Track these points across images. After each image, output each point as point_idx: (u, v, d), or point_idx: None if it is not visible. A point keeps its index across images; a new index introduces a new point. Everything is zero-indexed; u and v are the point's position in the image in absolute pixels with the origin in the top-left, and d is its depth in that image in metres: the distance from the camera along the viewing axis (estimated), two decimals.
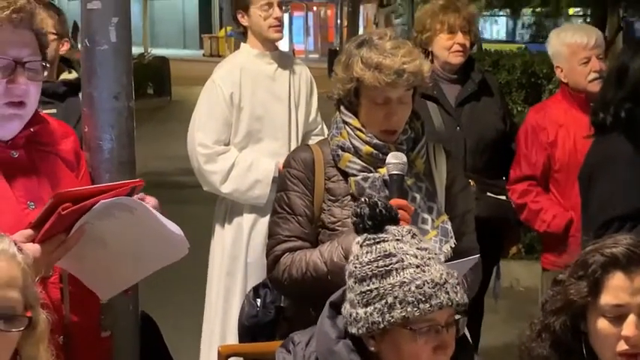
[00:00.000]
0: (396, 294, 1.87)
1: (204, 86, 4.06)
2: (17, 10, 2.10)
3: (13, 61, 2.09)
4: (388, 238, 1.96)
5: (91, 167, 2.40)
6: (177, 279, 6.10)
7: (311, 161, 2.64)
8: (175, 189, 9.55)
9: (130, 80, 2.43)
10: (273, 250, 2.60)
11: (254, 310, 2.80)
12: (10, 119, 2.13)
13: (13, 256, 1.66)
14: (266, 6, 3.90)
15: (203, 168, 3.93)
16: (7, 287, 1.62)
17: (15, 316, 1.63)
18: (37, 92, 2.17)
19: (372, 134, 2.60)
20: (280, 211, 2.63)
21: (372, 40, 2.57)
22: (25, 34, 2.13)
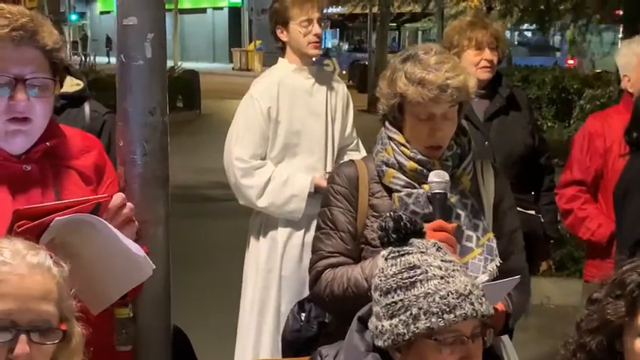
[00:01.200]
0: (421, 305, 1.87)
1: (241, 100, 4.09)
2: (17, 28, 2.13)
3: (14, 79, 2.13)
4: (412, 250, 1.97)
5: (124, 181, 2.41)
6: (211, 291, 6.17)
7: (355, 177, 2.63)
8: (204, 202, 9.61)
9: (164, 96, 2.44)
10: (316, 266, 2.60)
11: (297, 324, 2.79)
12: (14, 135, 2.16)
13: (49, 269, 1.68)
14: (305, 22, 3.92)
15: (240, 182, 3.95)
16: (42, 300, 1.64)
17: (50, 329, 1.65)
18: (45, 108, 2.19)
19: (417, 150, 2.58)
20: (323, 226, 2.63)
21: (417, 54, 2.55)
22: (28, 51, 2.16)
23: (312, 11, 3.92)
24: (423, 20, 24.34)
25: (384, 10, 19.18)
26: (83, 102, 3.58)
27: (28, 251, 1.68)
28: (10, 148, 2.18)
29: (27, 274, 1.65)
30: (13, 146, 2.18)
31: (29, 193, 2.17)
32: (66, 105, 3.55)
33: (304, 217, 3.96)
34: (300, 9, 3.91)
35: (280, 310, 3.99)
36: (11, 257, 1.66)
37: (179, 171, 9.98)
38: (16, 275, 1.64)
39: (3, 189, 2.15)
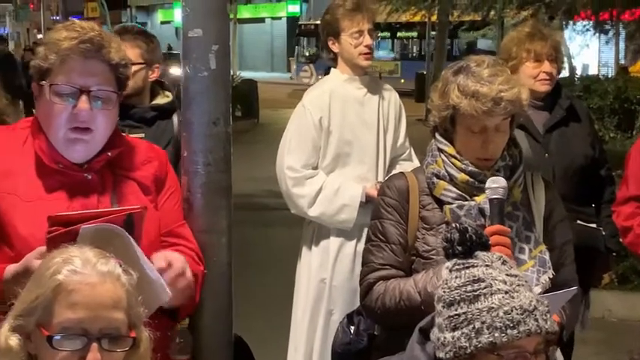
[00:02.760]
0: (484, 319, 1.86)
1: (294, 110, 4.11)
2: (85, 41, 2.20)
3: (79, 89, 2.19)
4: (477, 263, 1.95)
5: (188, 191, 2.45)
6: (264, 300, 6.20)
7: (405, 189, 2.62)
8: (262, 211, 9.65)
9: (228, 106, 2.47)
10: (367, 278, 2.60)
11: (347, 337, 2.79)
12: (75, 143, 2.22)
13: (118, 278, 1.71)
14: (357, 34, 3.92)
15: (291, 191, 3.97)
16: (112, 308, 1.68)
17: (120, 336, 1.68)
18: (107, 120, 2.25)
19: (468, 162, 2.56)
20: (374, 239, 2.63)
21: (470, 67, 2.53)
22: (95, 64, 2.22)
23: (362, 22, 3.93)
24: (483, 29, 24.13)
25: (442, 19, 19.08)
26: (172, 113, 3.66)
27: (98, 259, 1.72)
28: (70, 155, 2.23)
29: (97, 282, 1.68)
30: (74, 154, 2.23)
31: (86, 201, 2.22)
32: (157, 116, 3.64)
33: (356, 227, 3.96)
34: (351, 21, 3.92)
35: (332, 319, 3.99)
36: (82, 266, 1.70)
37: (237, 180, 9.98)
38: (87, 284, 1.68)
39: (62, 195, 2.21)
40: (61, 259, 1.71)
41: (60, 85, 2.19)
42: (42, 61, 2.22)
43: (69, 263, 1.69)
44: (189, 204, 2.44)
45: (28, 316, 1.68)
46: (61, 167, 2.22)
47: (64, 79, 2.19)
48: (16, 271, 2.01)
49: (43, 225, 1.97)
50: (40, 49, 2.25)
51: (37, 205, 2.14)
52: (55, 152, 2.23)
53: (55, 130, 2.21)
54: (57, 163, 2.21)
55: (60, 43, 2.20)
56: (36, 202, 2.15)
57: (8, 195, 2.17)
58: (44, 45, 2.24)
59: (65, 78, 2.19)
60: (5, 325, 1.70)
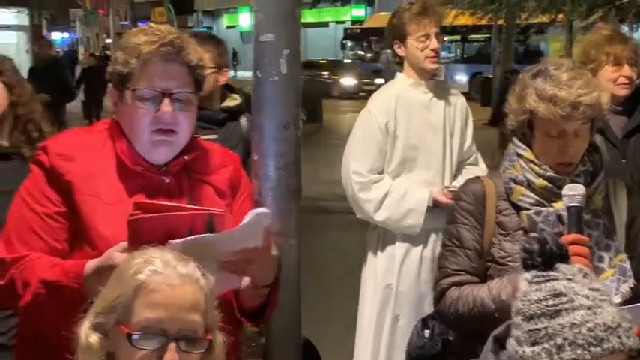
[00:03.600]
0: (566, 335, 1.82)
1: (359, 115, 4.10)
2: (166, 44, 2.22)
3: (161, 92, 2.22)
4: (558, 276, 1.91)
5: (258, 195, 2.46)
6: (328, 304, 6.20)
7: (482, 194, 2.59)
8: (327, 214, 9.67)
9: (298, 110, 2.49)
10: (440, 283, 2.58)
11: (421, 341, 2.78)
12: (159, 145, 2.25)
13: (197, 281, 1.73)
14: (423, 37, 3.91)
15: (357, 196, 3.97)
16: (191, 310, 1.69)
17: (197, 338, 1.70)
18: (188, 121, 2.27)
19: (547, 167, 2.52)
20: (449, 244, 2.60)
21: (548, 70, 2.49)
22: (174, 67, 2.24)
23: (429, 26, 3.91)
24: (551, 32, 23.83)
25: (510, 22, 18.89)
26: (240, 115, 3.71)
27: (177, 262, 1.74)
28: (154, 158, 2.27)
29: (178, 284, 1.70)
30: (158, 156, 2.27)
31: None
32: (227, 118, 3.70)
33: (422, 232, 3.94)
34: (417, 24, 3.91)
35: (398, 324, 3.99)
36: (163, 267, 1.72)
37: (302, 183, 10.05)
38: (168, 285, 1.70)
39: (141, 197, 2.23)
40: (143, 259, 1.74)
41: (142, 89, 2.22)
42: (122, 66, 2.24)
43: (150, 263, 1.72)
44: (259, 207, 2.46)
45: (109, 313, 1.71)
46: (141, 170, 2.25)
47: (146, 83, 2.22)
48: (98, 266, 2.04)
49: (124, 227, 2.00)
50: (119, 54, 2.26)
51: (118, 207, 2.18)
52: (136, 155, 2.26)
53: (138, 134, 2.24)
54: (138, 165, 2.25)
55: (140, 48, 2.22)
56: (117, 204, 2.18)
57: (90, 197, 2.21)
58: (122, 50, 2.26)
59: (147, 82, 2.22)
60: (86, 323, 1.73)
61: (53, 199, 2.23)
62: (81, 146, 2.29)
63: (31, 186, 2.28)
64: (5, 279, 2.19)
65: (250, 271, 2.13)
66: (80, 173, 2.23)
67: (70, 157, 2.25)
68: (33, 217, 2.23)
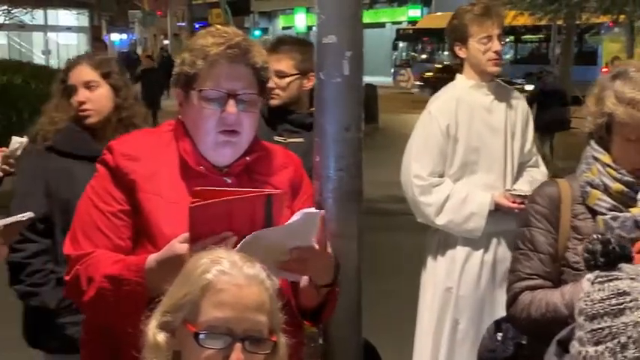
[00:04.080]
0: (630, 334, 1.80)
1: (420, 117, 4.08)
2: (232, 46, 2.24)
3: (227, 94, 2.24)
4: (622, 276, 1.89)
5: (319, 196, 2.47)
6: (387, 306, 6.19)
7: (557, 197, 2.55)
8: (383, 216, 9.64)
9: (360, 112, 2.48)
10: (513, 287, 2.55)
11: (493, 344, 2.76)
12: (223, 146, 2.27)
13: (263, 282, 1.74)
14: (485, 39, 3.86)
15: (418, 199, 3.94)
16: (257, 311, 1.70)
17: (262, 339, 1.71)
18: (251, 123, 2.29)
19: (624, 171, 2.47)
20: (522, 247, 2.57)
21: (628, 72, 2.44)
22: (240, 68, 2.26)
23: (492, 28, 3.86)
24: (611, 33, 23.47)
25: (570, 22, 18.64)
26: None
27: (244, 263, 1.75)
28: (218, 158, 2.29)
29: (244, 284, 1.72)
30: (222, 157, 2.29)
31: None
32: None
33: (483, 236, 3.90)
34: (479, 26, 3.86)
35: (458, 328, 3.96)
36: (230, 267, 1.73)
37: None
38: (235, 285, 1.71)
39: None
40: (209, 259, 1.75)
41: (208, 90, 2.25)
42: (189, 67, 2.27)
43: (217, 264, 1.73)
44: (320, 208, 2.45)
45: (176, 312, 1.73)
46: (203, 170, 2.27)
47: (212, 85, 2.25)
48: (159, 259, 2.08)
49: (186, 225, 2.02)
50: (185, 55, 2.29)
51: (179, 207, 2.20)
52: (199, 155, 2.29)
53: (204, 134, 2.27)
54: (200, 166, 2.27)
55: (207, 49, 2.24)
56: (179, 203, 2.20)
57: (153, 196, 2.24)
58: (189, 51, 2.28)
59: (213, 83, 2.25)
60: (153, 321, 1.75)
61: (117, 198, 2.27)
62: (145, 146, 2.33)
63: (97, 185, 2.32)
64: (70, 275, 2.24)
65: (305, 270, 2.13)
66: (144, 172, 2.26)
67: (134, 157, 2.29)
68: (98, 215, 2.27)
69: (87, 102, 3.30)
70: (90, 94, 3.31)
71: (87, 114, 3.30)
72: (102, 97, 3.33)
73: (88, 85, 3.32)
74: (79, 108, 3.30)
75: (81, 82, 3.33)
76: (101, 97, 3.33)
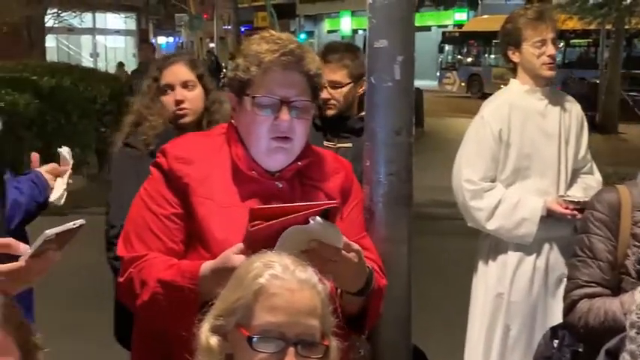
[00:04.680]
0: None
1: (472, 121, 4.05)
2: (286, 53, 2.24)
3: (280, 100, 2.24)
4: None
5: (370, 200, 2.46)
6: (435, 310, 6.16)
7: (617, 204, 2.52)
8: (429, 220, 9.59)
9: (411, 116, 2.48)
10: (571, 295, 2.53)
11: (549, 351, 2.73)
12: (276, 152, 2.27)
13: (314, 286, 1.74)
14: (539, 43, 3.82)
15: (469, 204, 3.91)
16: (309, 315, 1.70)
17: (314, 343, 1.71)
18: (304, 129, 2.29)
19: None
20: (580, 254, 2.54)
21: None
22: (294, 75, 2.26)
23: (546, 32, 3.82)
24: None
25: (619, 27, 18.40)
26: None
27: (296, 267, 1.75)
28: (270, 164, 2.29)
29: (296, 288, 1.72)
30: (274, 163, 2.29)
31: None
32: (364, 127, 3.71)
33: (535, 242, 3.86)
34: (533, 30, 3.82)
35: (509, 335, 3.92)
36: (282, 272, 1.73)
37: None
38: (287, 289, 1.71)
39: (254, 202, 2.26)
40: (262, 263, 1.75)
41: (261, 97, 2.25)
42: (243, 73, 2.28)
43: (270, 268, 1.74)
44: (370, 213, 2.46)
45: (229, 316, 1.74)
46: (255, 174, 2.28)
47: (265, 91, 2.25)
48: (214, 268, 2.08)
49: (238, 230, 2.03)
50: (239, 61, 2.30)
51: (231, 211, 2.21)
52: (251, 160, 2.29)
53: (256, 140, 2.28)
54: (252, 170, 2.28)
55: (261, 56, 2.24)
56: (231, 208, 2.22)
57: (206, 200, 2.25)
58: (244, 57, 2.29)
59: (266, 90, 2.25)
60: (205, 325, 1.76)
61: (171, 201, 2.28)
62: (198, 150, 2.34)
63: (150, 188, 2.34)
64: (124, 278, 2.25)
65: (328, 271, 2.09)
66: (197, 176, 2.27)
67: (187, 160, 2.30)
68: (151, 217, 2.28)
69: (185, 101, 3.33)
70: (187, 94, 3.34)
71: (184, 113, 3.34)
72: (197, 97, 3.38)
73: (186, 85, 3.35)
74: (176, 107, 3.33)
75: (179, 81, 3.36)
76: (197, 98, 3.37)
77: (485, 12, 35.96)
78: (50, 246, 1.88)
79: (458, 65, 34.35)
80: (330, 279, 2.06)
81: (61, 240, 1.90)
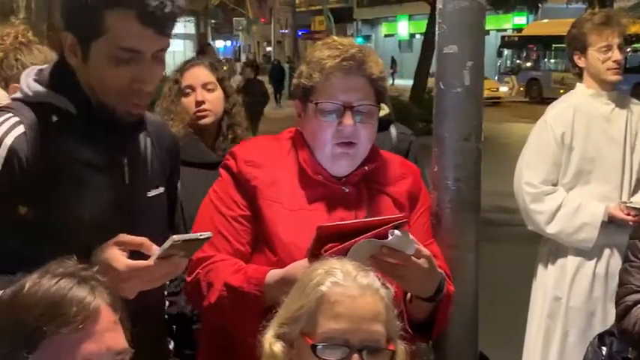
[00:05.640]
0: None
1: (535, 125, 4.03)
2: (347, 58, 2.25)
3: (342, 106, 2.24)
4: None
5: (437, 206, 2.45)
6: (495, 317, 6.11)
7: None
8: (488, 226, 9.48)
9: (480, 122, 2.46)
10: (624, 300, 2.51)
11: (598, 358, 2.71)
12: (340, 157, 2.28)
13: (377, 291, 1.74)
14: (605, 48, 3.80)
15: (529, 207, 3.89)
16: (372, 321, 1.71)
17: (379, 348, 1.71)
18: (368, 133, 2.29)
19: None
20: (633, 259, 2.52)
21: None
22: (356, 80, 2.26)
23: (612, 37, 3.80)
24: None
25: None
26: (389, 125, 3.71)
27: (357, 272, 1.76)
28: (334, 170, 2.30)
29: (358, 295, 1.72)
30: (339, 168, 2.30)
31: (345, 214, 2.27)
32: None
33: (596, 247, 3.83)
34: (599, 35, 3.80)
35: (568, 340, 3.88)
36: (343, 278, 1.74)
37: None
38: (349, 296, 1.72)
39: (321, 206, 2.28)
40: (323, 270, 1.76)
41: (324, 102, 2.26)
42: (306, 79, 2.30)
43: (331, 275, 1.74)
44: (437, 219, 2.45)
45: (293, 324, 1.75)
46: (321, 179, 2.29)
47: (328, 97, 2.26)
48: (281, 277, 2.09)
49: (305, 234, 2.04)
50: (303, 68, 2.32)
51: (299, 214, 2.23)
52: (317, 164, 2.31)
53: (321, 146, 2.29)
54: (319, 175, 2.29)
55: (323, 62, 2.26)
56: (298, 211, 2.24)
57: (274, 203, 2.27)
58: (307, 64, 2.31)
59: (329, 95, 2.26)
60: (270, 332, 1.78)
61: (239, 203, 2.30)
62: (267, 153, 2.36)
63: (219, 190, 2.36)
64: (192, 277, 2.28)
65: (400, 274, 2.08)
66: (265, 179, 2.29)
67: (256, 164, 2.32)
68: (220, 219, 2.31)
69: (205, 102, 3.35)
70: (208, 95, 3.36)
71: (204, 114, 3.35)
72: (218, 99, 3.39)
73: (207, 87, 3.37)
74: (196, 108, 3.35)
75: (200, 83, 3.38)
76: (217, 100, 3.39)
77: (545, 16, 35.48)
78: (177, 252, 1.90)
79: (517, 70, 33.99)
80: (399, 283, 2.07)
81: (187, 248, 1.92)
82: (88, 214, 1.97)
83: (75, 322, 1.42)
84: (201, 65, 3.45)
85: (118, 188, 2.04)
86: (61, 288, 1.45)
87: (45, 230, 1.91)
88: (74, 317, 1.42)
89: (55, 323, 1.41)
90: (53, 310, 1.42)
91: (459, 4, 2.39)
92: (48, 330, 1.41)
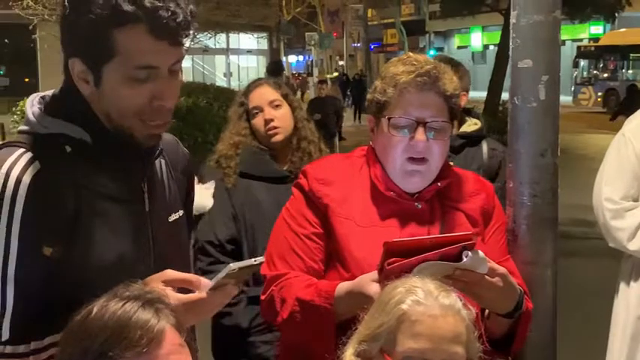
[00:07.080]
0: None
1: (613, 139, 3.94)
2: (422, 74, 2.25)
3: (415, 121, 2.24)
4: None
5: (513, 222, 2.42)
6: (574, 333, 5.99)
7: None
8: (565, 239, 9.31)
9: (556, 137, 2.42)
10: None
11: None
12: (412, 174, 2.27)
13: (459, 312, 1.72)
14: None
15: (609, 224, 3.79)
16: (452, 342, 1.69)
17: None
18: (441, 150, 2.28)
19: None
20: None
21: None
22: (430, 96, 2.27)
23: None
24: None
25: None
26: (481, 140, 3.68)
27: (439, 292, 1.74)
28: (406, 186, 2.30)
29: (440, 315, 1.71)
30: (410, 185, 2.30)
31: (417, 230, 2.26)
32: (465, 144, 3.68)
33: None
34: None
35: None
36: (425, 298, 1.73)
37: None
38: (430, 316, 1.70)
39: (394, 222, 2.27)
40: (404, 288, 1.75)
41: (397, 117, 2.27)
42: (380, 95, 2.31)
43: (412, 294, 1.73)
44: (514, 235, 2.42)
45: (372, 341, 1.74)
46: (393, 195, 2.29)
47: (401, 112, 2.27)
48: (349, 290, 2.09)
49: (377, 250, 2.03)
50: (377, 83, 2.34)
51: (371, 231, 2.23)
52: (389, 180, 2.31)
53: (392, 161, 2.29)
54: (391, 191, 2.29)
55: (398, 77, 2.27)
56: (370, 228, 2.24)
57: (345, 220, 2.27)
58: (381, 79, 2.33)
59: (402, 111, 2.27)
60: (350, 349, 1.77)
61: (311, 221, 2.32)
62: (338, 171, 2.37)
63: (292, 208, 2.39)
64: (266, 295, 2.31)
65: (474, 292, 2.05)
66: (337, 196, 2.30)
67: (327, 181, 2.33)
68: (293, 237, 2.33)
69: (274, 119, 3.38)
70: (275, 112, 3.39)
71: (275, 132, 3.37)
72: (286, 115, 3.41)
73: (273, 105, 3.40)
74: (266, 127, 3.37)
75: (266, 101, 3.41)
76: (285, 116, 3.41)
77: (622, 25, 34.77)
78: (230, 280, 1.87)
79: (594, 80, 33.39)
80: (475, 301, 2.05)
81: (240, 275, 1.90)
82: (112, 250, 1.85)
83: (139, 346, 1.43)
84: (265, 84, 3.49)
85: (139, 216, 1.93)
86: (126, 312, 1.46)
87: (69, 269, 1.78)
88: (138, 341, 1.43)
89: (119, 347, 1.43)
90: (118, 334, 1.44)
91: (533, 19, 2.36)
92: (114, 355, 1.42)
